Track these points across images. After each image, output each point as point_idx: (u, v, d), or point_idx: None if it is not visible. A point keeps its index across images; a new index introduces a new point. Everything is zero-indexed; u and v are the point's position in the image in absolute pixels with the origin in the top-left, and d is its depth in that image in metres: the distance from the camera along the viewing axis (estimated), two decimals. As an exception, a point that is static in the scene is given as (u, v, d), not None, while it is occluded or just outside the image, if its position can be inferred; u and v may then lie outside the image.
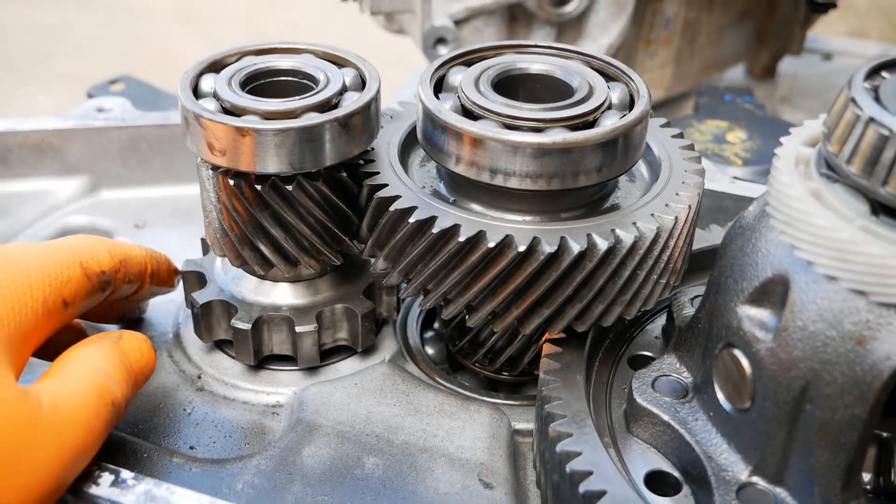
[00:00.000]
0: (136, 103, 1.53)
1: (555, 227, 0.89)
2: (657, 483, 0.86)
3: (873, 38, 4.44)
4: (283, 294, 1.09)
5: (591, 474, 0.78)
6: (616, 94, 0.95)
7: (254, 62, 1.02)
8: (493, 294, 0.91)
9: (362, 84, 1.01)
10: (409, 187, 0.93)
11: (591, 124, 0.91)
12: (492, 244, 0.86)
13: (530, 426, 1.04)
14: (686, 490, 0.84)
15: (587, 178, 0.89)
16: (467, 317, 0.95)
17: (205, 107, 0.93)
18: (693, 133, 1.73)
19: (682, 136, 1.04)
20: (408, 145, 1.04)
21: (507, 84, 0.98)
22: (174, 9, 4.94)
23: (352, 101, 0.96)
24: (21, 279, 0.85)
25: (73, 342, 0.92)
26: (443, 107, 0.91)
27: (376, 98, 0.98)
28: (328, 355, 1.11)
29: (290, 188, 0.97)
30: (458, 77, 0.97)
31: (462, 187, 0.97)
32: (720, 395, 0.83)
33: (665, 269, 0.92)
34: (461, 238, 0.87)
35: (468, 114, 0.92)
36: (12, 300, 0.83)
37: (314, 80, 1.00)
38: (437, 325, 1.21)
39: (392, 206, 0.91)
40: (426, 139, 0.94)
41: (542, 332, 0.93)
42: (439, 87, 0.98)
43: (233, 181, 0.97)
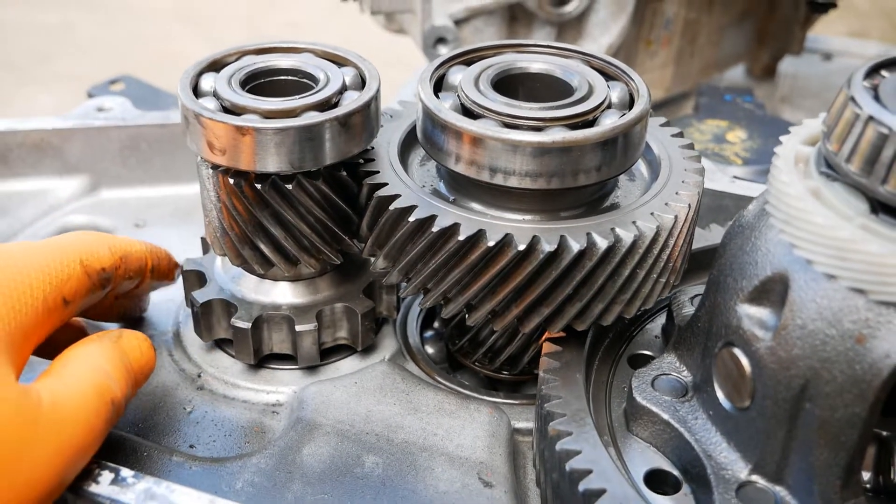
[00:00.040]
0: (136, 103, 1.53)
1: (554, 225, 0.89)
2: (657, 482, 0.86)
3: (874, 38, 4.44)
4: (283, 293, 1.09)
5: (590, 473, 0.78)
6: (616, 93, 0.95)
7: (254, 61, 1.02)
8: (493, 293, 0.91)
9: (362, 83, 1.01)
10: (409, 186, 0.93)
11: (591, 123, 0.91)
12: (491, 243, 0.86)
13: (530, 425, 1.04)
14: (686, 489, 0.84)
15: (587, 177, 0.89)
16: (467, 316, 0.95)
17: (205, 106, 0.94)
18: (693, 133, 1.73)
19: (681, 135, 1.04)
20: (408, 144, 1.04)
21: (507, 83, 0.98)
22: (174, 9, 4.94)
23: (352, 101, 0.96)
24: (21, 277, 0.85)
25: (73, 341, 0.92)
26: (443, 106, 0.91)
27: (376, 97, 0.98)
28: (328, 354, 1.12)
29: (289, 187, 0.97)
30: (457, 76, 0.97)
31: (462, 186, 0.97)
32: (720, 394, 0.83)
33: (665, 268, 0.92)
34: (461, 237, 0.87)
35: (468, 113, 0.92)
36: (12, 299, 0.83)
37: (314, 79, 1.00)
38: (436, 324, 1.21)
39: (392, 205, 0.91)
40: (426, 138, 0.95)
41: (542, 331, 0.93)
42: (439, 86, 0.98)
43: (233, 180, 0.97)
